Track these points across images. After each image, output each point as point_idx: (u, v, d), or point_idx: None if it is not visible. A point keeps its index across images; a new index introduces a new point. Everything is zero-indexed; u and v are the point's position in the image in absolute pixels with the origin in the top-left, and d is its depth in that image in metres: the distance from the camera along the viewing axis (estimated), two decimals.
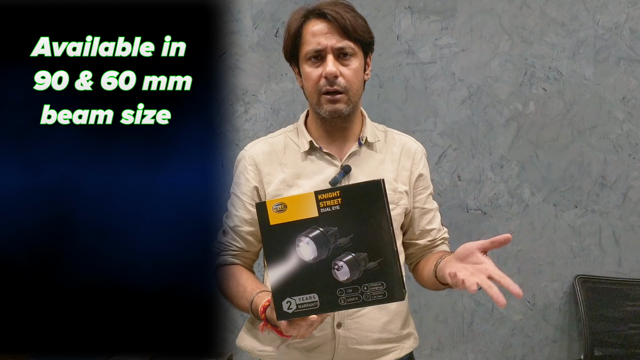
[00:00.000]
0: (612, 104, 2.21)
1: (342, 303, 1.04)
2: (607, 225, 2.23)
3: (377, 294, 1.03)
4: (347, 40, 1.20)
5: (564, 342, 2.25)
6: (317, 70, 1.21)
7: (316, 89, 1.22)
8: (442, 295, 2.22)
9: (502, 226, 2.22)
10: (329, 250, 1.03)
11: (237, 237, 1.31)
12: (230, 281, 1.28)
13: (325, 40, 1.20)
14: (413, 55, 2.17)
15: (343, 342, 1.24)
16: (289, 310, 1.05)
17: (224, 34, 2.14)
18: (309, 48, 1.21)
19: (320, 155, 1.27)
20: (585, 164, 2.22)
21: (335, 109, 1.22)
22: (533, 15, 2.18)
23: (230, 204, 1.33)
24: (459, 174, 2.21)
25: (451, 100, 2.19)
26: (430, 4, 2.17)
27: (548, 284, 2.24)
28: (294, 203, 1.05)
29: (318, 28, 1.20)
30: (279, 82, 2.16)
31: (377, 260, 1.03)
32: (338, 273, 1.03)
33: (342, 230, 1.03)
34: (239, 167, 1.32)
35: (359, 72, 1.23)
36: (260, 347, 1.28)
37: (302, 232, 1.04)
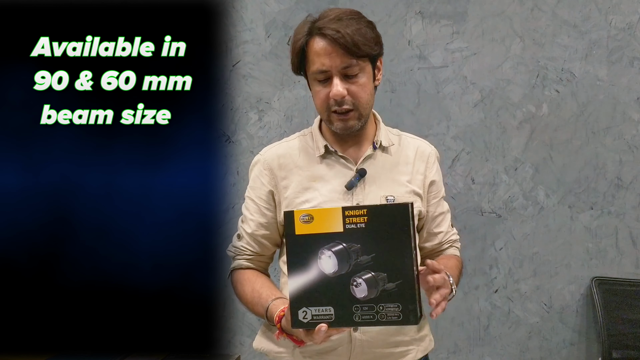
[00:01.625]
0: (626, 105, 2.19)
1: (357, 320, 1.05)
2: (623, 227, 2.21)
3: (392, 315, 1.04)
4: (351, 59, 1.18)
5: (582, 344, 2.23)
6: (324, 90, 1.21)
7: (325, 107, 1.22)
8: (458, 298, 2.22)
9: (517, 229, 2.22)
10: (349, 266, 1.04)
11: (252, 242, 1.32)
12: (246, 286, 1.29)
13: (329, 62, 1.18)
14: (425, 60, 2.18)
15: (359, 345, 1.25)
16: (304, 320, 1.06)
17: (238, 43, 2.17)
18: (315, 68, 1.20)
19: (336, 159, 1.28)
20: (600, 165, 2.20)
21: (346, 126, 1.22)
22: (544, 17, 2.18)
23: (245, 208, 1.34)
24: (473, 177, 2.21)
25: (463, 103, 2.20)
26: (441, 8, 2.17)
27: (565, 286, 2.23)
28: (321, 216, 1.06)
29: (321, 47, 1.18)
30: (292, 90, 2.18)
31: (396, 282, 1.03)
32: (356, 290, 1.04)
33: (365, 249, 1.04)
34: (254, 171, 1.33)
35: (367, 85, 1.22)
36: (277, 349, 1.30)
37: (326, 245, 1.04)
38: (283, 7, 2.16)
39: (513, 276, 2.23)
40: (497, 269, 2.23)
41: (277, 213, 1.29)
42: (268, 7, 2.17)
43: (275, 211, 1.29)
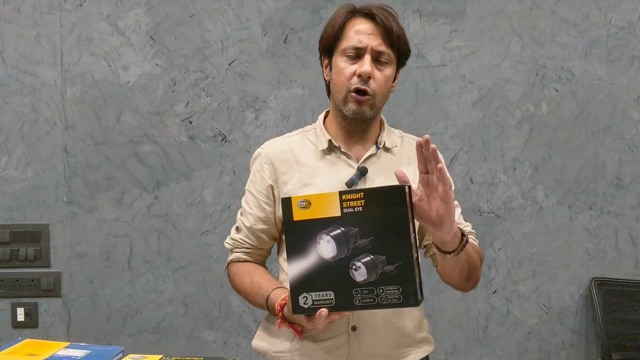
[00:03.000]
0: (626, 104, 2.18)
1: (357, 303, 1.05)
2: (623, 227, 2.20)
3: (392, 297, 1.04)
4: (387, 47, 1.21)
5: (581, 346, 2.22)
6: (351, 67, 1.21)
7: (346, 85, 1.22)
8: (456, 299, 2.20)
9: (515, 229, 2.20)
10: (348, 250, 1.04)
11: (250, 235, 1.32)
12: (244, 278, 1.29)
13: (367, 40, 1.20)
14: (423, 58, 2.16)
15: (357, 346, 1.24)
16: (304, 305, 1.06)
17: (234, 41, 2.15)
18: (350, 44, 1.21)
19: (338, 156, 1.28)
20: (600, 165, 2.19)
21: (360, 110, 1.22)
22: (544, 16, 2.16)
23: (244, 201, 1.34)
24: (471, 177, 2.20)
25: (462, 103, 2.18)
26: (439, 6, 2.16)
27: (564, 287, 2.21)
28: (318, 201, 1.06)
29: (363, 27, 1.21)
30: (288, 89, 2.16)
31: (395, 265, 1.03)
32: (355, 273, 1.04)
33: (363, 232, 1.04)
34: (255, 164, 1.33)
35: (389, 80, 1.24)
36: (275, 349, 1.29)
37: (324, 230, 1.05)
38: (280, 5, 2.15)
39: (512, 277, 2.21)
40: (495, 270, 2.21)
41: (276, 208, 1.29)
42: (264, 5, 2.15)
43: (275, 206, 1.29)
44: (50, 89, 2.14)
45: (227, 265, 1.36)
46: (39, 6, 2.12)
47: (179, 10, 2.14)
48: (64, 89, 2.14)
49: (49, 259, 2.16)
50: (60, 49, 2.13)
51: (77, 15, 2.13)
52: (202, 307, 2.18)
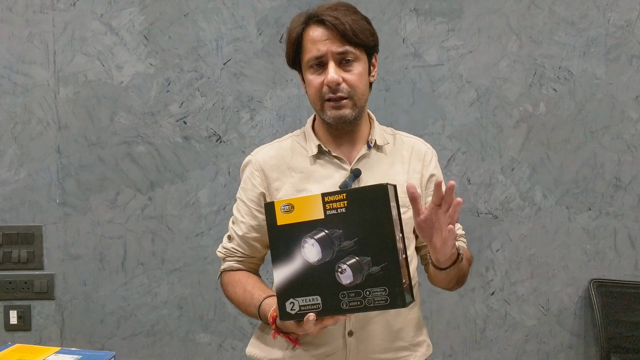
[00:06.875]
0: (625, 103, 2.16)
1: (345, 307, 1.03)
2: (622, 228, 2.18)
3: (379, 299, 1.02)
4: (347, 46, 1.17)
5: (580, 347, 2.20)
6: (318, 78, 1.19)
7: (319, 96, 1.20)
8: (454, 301, 2.18)
9: (513, 230, 2.18)
10: (333, 253, 1.03)
11: (242, 244, 1.30)
12: (237, 287, 1.27)
13: (324, 47, 1.17)
14: (419, 57, 2.14)
15: (354, 351, 1.22)
16: (291, 311, 1.05)
17: (229, 40, 2.13)
18: (310, 55, 1.19)
19: (329, 159, 1.26)
20: (599, 165, 2.17)
21: (339, 114, 1.20)
22: (541, 15, 2.14)
23: (236, 209, 1.32)
24: (469, 178, 2.18)
25: (459, 102, 2.16)
26: (436, 5, 2.14)
27: (562, 288, 2.20)
28: (301, 204, 1.05)
29: (317, 34, 1.18)
30: (284, 88, 2.14)
31: (381, 265, 1.01)
32: (341, 276, 1.02)
33: (347, 233, 1.02)
34: (246, 172, 1.31)
35: (362, 75, 1.21)
36: (270, 356, 1.27)
37: (308, 233, 1.04)
38: (275, 4, 2.12)
39: (510, 278, 2.20)
40: (493, 271, 2.20)
41: None
42: (259, 4, 2.12)
43: None
44: (43, 89, 2.11)
45: (220, 274, 1.34)
46: (31, 5, 2.10)
47: (173, 9, 2.12)
48: (57, 89, 2.11)
49: (42, 261, 2.13)
50: (53, 49, 2.11)
51: (70, 14, 2.10)
52: (197, 310, 2.16)
